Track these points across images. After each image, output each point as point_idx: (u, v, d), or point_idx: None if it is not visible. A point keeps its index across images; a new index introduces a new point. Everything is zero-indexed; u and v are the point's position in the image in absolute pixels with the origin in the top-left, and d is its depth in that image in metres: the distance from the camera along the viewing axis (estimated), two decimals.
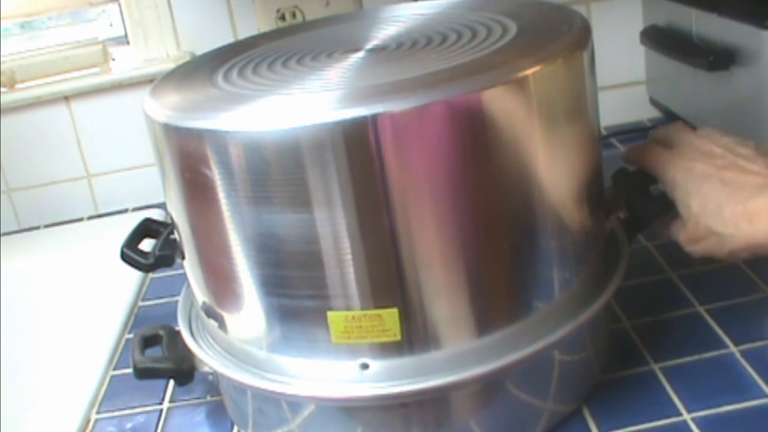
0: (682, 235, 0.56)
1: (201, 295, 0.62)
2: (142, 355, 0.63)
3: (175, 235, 0.67)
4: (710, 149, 0.58)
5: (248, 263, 0.54)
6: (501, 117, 0.50)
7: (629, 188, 0.65)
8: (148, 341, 0.65)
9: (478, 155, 0.50)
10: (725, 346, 0.63)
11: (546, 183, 0.53)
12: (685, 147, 0.60)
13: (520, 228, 0.53)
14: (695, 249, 0.58)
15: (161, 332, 0.65)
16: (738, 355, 0.62)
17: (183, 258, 0.63)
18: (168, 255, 0.69)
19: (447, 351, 0.53)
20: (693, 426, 0.57)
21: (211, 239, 0.56)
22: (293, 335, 0.55)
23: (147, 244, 0.73)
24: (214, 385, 0.68)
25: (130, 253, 0.71)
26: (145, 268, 0.71)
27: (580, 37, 0.57)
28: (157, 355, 0.63)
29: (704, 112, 0.93)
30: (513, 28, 0.59)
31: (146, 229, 0.74)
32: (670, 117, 1.04)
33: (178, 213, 0.59)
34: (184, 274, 0.64)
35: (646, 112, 1.09)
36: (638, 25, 1.04)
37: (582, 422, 0.59)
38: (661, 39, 0.98)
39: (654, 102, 1.08)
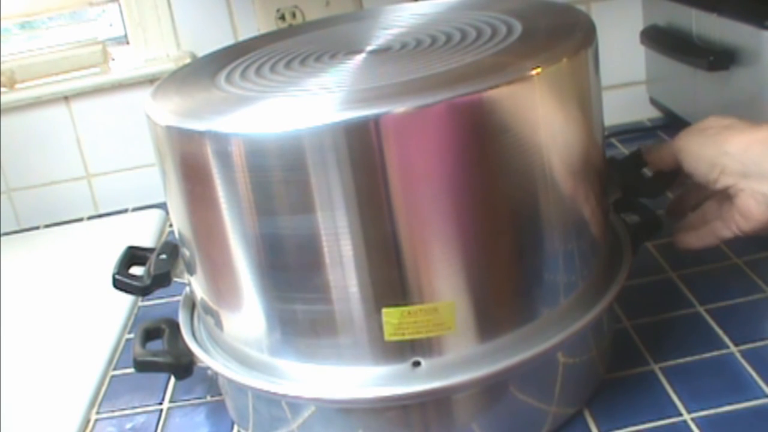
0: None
1: (201, 295, 0.62)
2: (143, 348, 0.63)
3: (164, 256, 0.68)
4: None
5: (249, 265, 0.54)
6: (505, 118, 0.50)
7: (622, 171, 0.66)
8: (151, 334, 0.65)
9: (482, 157, 0.50)
10: (725, 346, 0.63)
11: (551, 185, 0.53)
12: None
13: (525, 231, 0.53)
14: None
15: (163, 326, 0.65)
16: (738, 355, 0.62)
17: (179, 276, 0.62)
18: (164, 274, 0.68)
19: (449, 355, 0.53)
20: (693, 426, 0.57)
21: (212, 241, 0.56)
22: (295, 338, 0.55)
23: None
24: (214, 383, 0.68)
25: (123, 279, 0.70)
26: (141, 291, 0.69)
27: (585, 37, 0.56)
28: (158, 349, 0.63)
29: (704, 112, 0.93)
30: (518, 28, 0.59)
31: (132, 256, 0.73)
32: (670, 117, 1.04)
33: (179, 215, 0.59)
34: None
35: (646, 112, 1.09)
36: (638, 25, 1.04)
37: (582, 422, 0.59)
38: (661, 39, 0.98)
39: (654, 102, 1.08)
